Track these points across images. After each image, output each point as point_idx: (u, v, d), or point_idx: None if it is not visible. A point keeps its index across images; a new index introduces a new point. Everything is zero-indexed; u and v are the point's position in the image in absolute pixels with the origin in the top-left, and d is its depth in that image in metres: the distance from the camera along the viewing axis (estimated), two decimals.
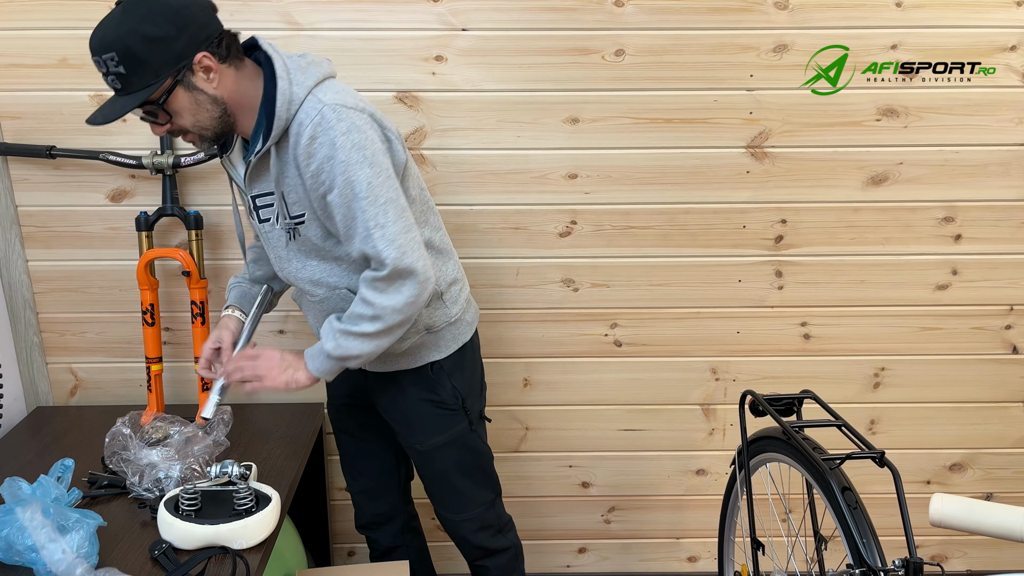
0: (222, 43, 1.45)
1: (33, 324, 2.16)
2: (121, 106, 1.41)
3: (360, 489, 1.99)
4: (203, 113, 1.46)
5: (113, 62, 1.36)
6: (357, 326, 1.51)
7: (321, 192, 1.46)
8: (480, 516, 1.86)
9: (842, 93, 2.03)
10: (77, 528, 1.48)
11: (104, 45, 1.36)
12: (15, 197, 2.06)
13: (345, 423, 1.93)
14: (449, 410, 1.74)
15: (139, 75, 1.38)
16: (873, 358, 2.26)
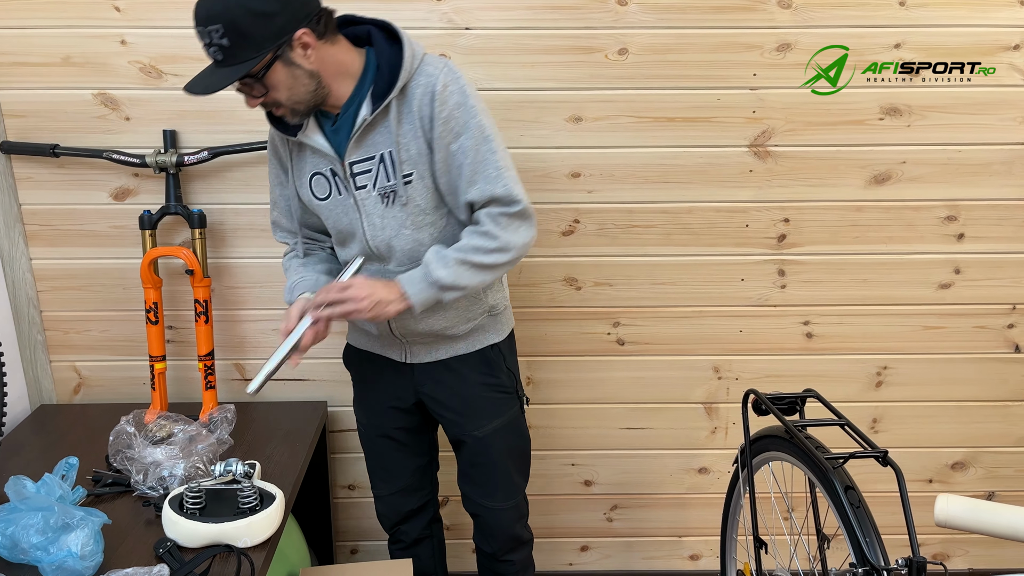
0: (321, 20, 1.47)
1: (37, 322, 2.16)
2: (222, 77, 1.42)
3: (395, 490, 1.95)
4: (299, 88, 1.48)
5: (217, 34, 1.38)
6: (478, 256, 1.54)
7: (449, 139, 1.52)
8: (519, 505, 1.90)
9: (844, 92, 2.03)
10: (82, 526, 1.49)
11: (211, 16, 1.38)
12: (19, 195, 2.06)
13: (387, 428, 1.88)
14: (506, 393, 1.79)
15: (242, 48, 1.39)
16: (875, 357, 2.26)
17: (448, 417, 1.81)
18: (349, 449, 2.34)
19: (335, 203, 1.63)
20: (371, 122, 1.53)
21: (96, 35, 1.95)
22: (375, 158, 1.56)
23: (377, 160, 1.56)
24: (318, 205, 1.66)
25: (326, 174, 1.62)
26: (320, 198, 1.65)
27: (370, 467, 1.96)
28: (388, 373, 1.81)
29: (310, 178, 1.64)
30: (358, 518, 2.43)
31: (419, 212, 1.59)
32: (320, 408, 2.21)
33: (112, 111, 2.01)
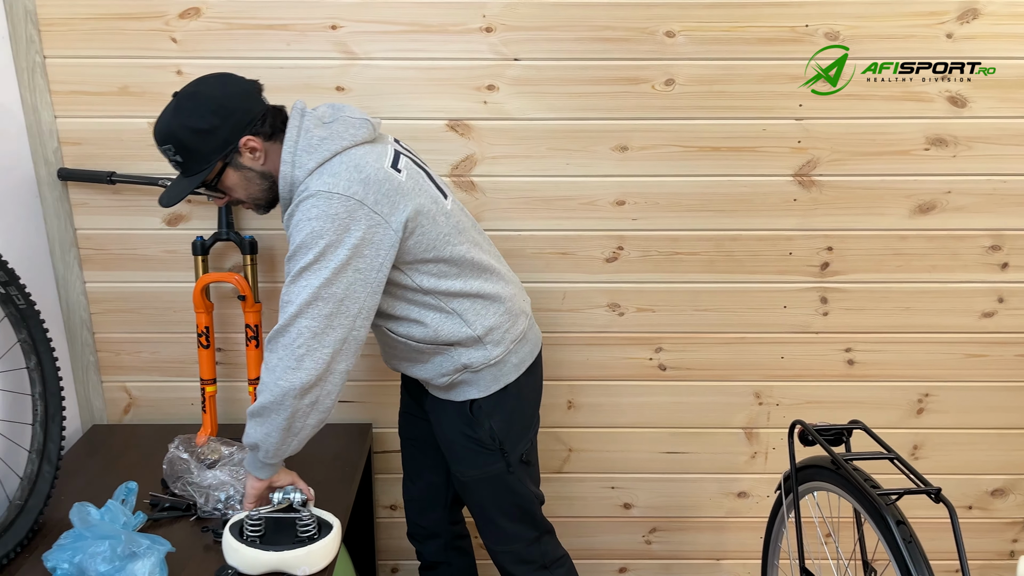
0: (265, 122, 1.58)
1: (89, 344, 2.20)
2: (182, 188, 1.59)
3: (410, 497, 2.07)
4: (253, 187, 1.62)
5: (171, 152, 1.55)
6: (251, 407, 1.57)
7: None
8: (519, 551, 1.87)
9: (891, 123, 2.04)
10: (148, 555, 1.52)
11: (163, 137, 1.55)
12: (74, 221, 2.11)
13: (406, 431, 2.01)
14: (486, 449, 1.74)
15: (193, 161, 1.56)
16: (917, 384, 2.27)
17: (442, 446, 1.84)
18: (391, 470, 2.37)
19: None
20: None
21: (153, 65, 1.99)
22: None
23: None
24: None
25: None
26: None
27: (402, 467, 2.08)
28: (407, 387, 1.96)
29: None
30: (399, 538, 2.46)
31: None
32: (365, 431, 2.24)
33: None
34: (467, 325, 1.65)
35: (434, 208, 1.60)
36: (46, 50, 1.97)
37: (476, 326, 1.66)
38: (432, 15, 1.97)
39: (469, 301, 1.66)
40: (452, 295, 1.64)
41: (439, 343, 1.65)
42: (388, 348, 1.75)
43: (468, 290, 1.65)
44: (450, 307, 1.64)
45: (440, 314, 1.64)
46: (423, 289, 1.61)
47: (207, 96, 1.54)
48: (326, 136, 1.55)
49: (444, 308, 1.64)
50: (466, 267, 1.65)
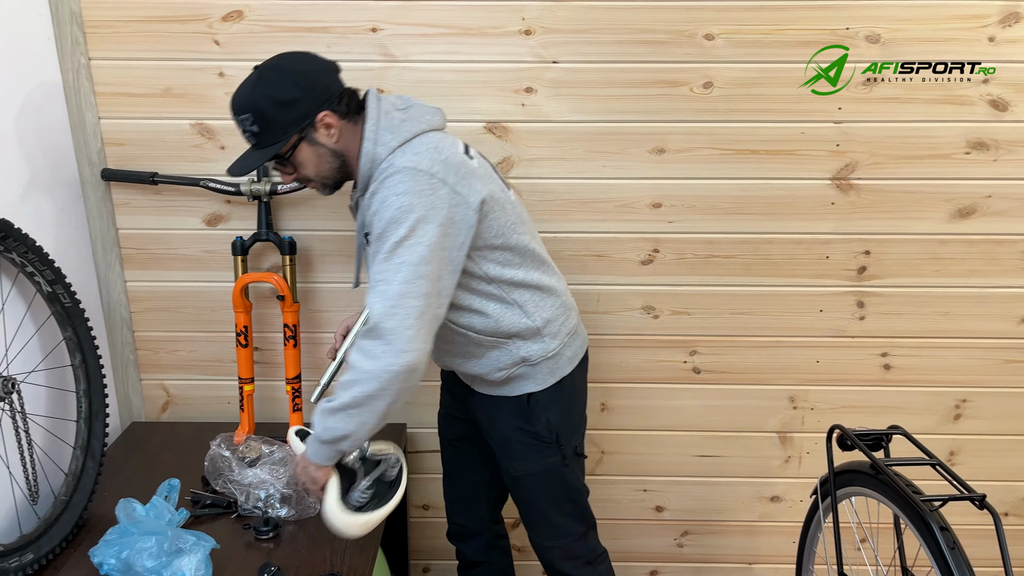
0: (342, 101, 1.59)
1: (129, 342, 2.23)
2: (254, 159, 1.58)
3: (452, 498, 2.07)
4: (324, 165, 1.61)
5: (248, 121, 1.54)
6: (336, 399, 1.50)
7: (373, 240, 1.52)
8: (569, 546, 1.88)
9: (931, 126, 2.03)
10: (194, 551, 1.55)
11: (242, 107, 1.55)
12: (116, 220, 2.13)
13: (448, 432, 2.01)
14: (543, 442, 1.76)
15: (269, 133, 1.55)
16: (955, 390, 2.25)
17: (492, 445, 1.85)
18: (424, 470, 2.39)
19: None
20: (356, 205, 1.64)
21: (196, 67, 2.01)
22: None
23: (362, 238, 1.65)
24: None
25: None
26: None
27: (443, 469, 2.07)
28: (449, 388, 1.95)
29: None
30: (431, 538, 2.47)
31: None
32: (400, 430, 2.25)
33: (208, 140, 2.07)
34: (527, 316, 1.66)
35: (502, 196, 1.63)
36: (91, 52, 2.00)
37: (536, 317, 1.68)
38: (471, 18, 1.98)
39: (529, 292, 1.68)
40: (514, 285, 1.65)
41: (499, 335, 1.66)
42: (443, 343, 1.71)
43: (529, 281, 1.67)
44: (511, 297, 1.65)
45: (502, 305, 1.65)
46: (488, 277, 1.62)
47: (290, 69, 1.55)
48: (405, 119, 1.59)
49: (506, 299, 1.65)
50: (528, 257, 1.68)
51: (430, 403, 2.28)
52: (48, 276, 1.77)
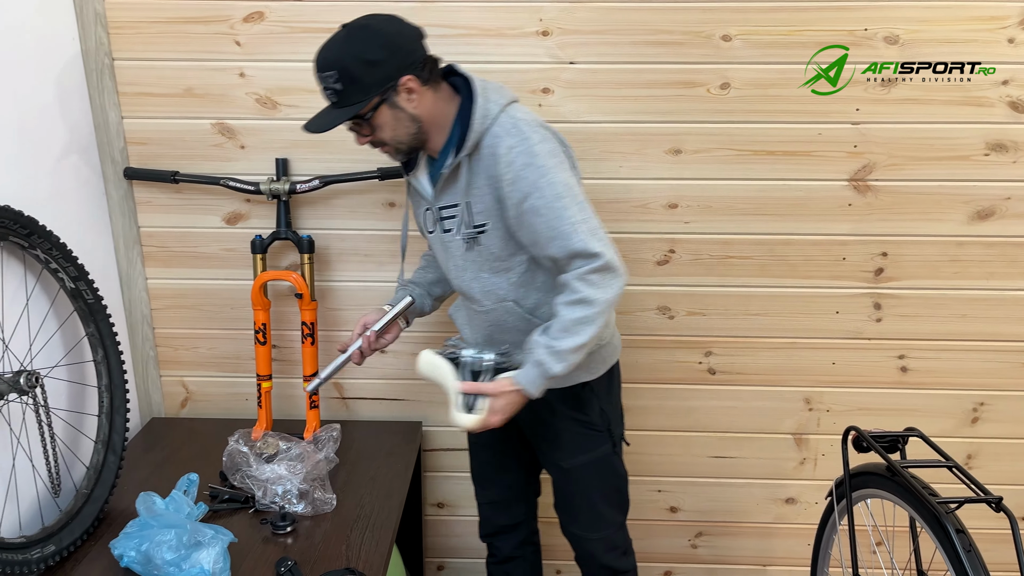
0: (425, 67, 1.58)
1: (150, 338, 2.26)
2: (334, 118, 1.57)
3: (489, 500, 2.05)
4: (401, 129, 1.59)
5: (332, 79, 1.53)
6: (579, 335, 1.54)
7: (518, 198, 1.54)
8: (611, 536, 1.91)
9: (950, 127, 2.02)
10: (212, 544, 1.56)
11: (327, 63, 1.54)
12: (138, 219, 2.16)
13: (485, 436, 1.91)
14: (595, 431, 1.80)
15: (353, 92, 1.54)
16: (973, 393, 2.24)
17: (537, 443, 1.87)
18: (439, 468, 2.40)
19: (434, 239, 1.75)
20: (453, 172, 1.62)
21: (217, 68, 2.04)
22: (459, 205, 1.64)
23: (459, 208, 1.64)
24: (427, 237, 1.79)
25: (433, 211, 1.71)
26: (428, 231, 1.77)
27: (473, 474, 2.05)
28: None
29: (424, 211, 1.75)
30: (446, 535, 2.49)
31: (495, 259, 1.66)
32: (416, 428, 2.27)
33: (229, 140, 2.09)
34: None
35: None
36: (115, 53, 2.03)
37: None
38: (489, 19, 1.99)
39: None
40: None
41: None
42: (505, 334, 1.71)
43: None
44: None
45: None
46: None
47: (378, 30, 1.54)
48: (500, 86, 1.63)
49: None
50: None
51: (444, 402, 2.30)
52: (72, 272, 1.80)
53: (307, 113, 2.03)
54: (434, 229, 1.73)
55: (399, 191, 2.12)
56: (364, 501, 1.88)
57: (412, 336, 2.23)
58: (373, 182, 2.09)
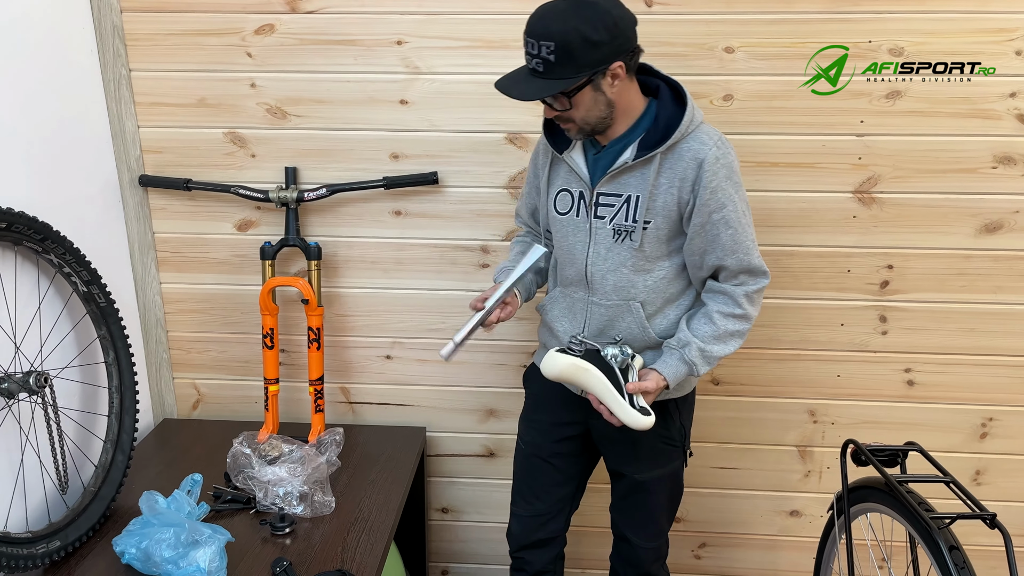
0: (634, 56, 1.58)
1: (163, 342, 2.32)
2: (540, 88, 1.53)
3: (532, 513, 1.97)
4: (595, 111, 1.58)
5: (547, 49, 1.48)
6: (728, 346, 1.67)
7: (713, 207, 1.59)
8: (661, 546, 1.96)
9: (957, 140, 2.00)
10: (209, 543, 1.60)
11: (548, 33, 1.48)
12: (153, 224, 2.23)
13: (547, 450, 1.92)
14: (672, 446, 1.83)
15: (565, 67, 1.50)
16: (981, 408, 2.21)
17: (611, 452, 1.88)
18: (444, 473, 2.43)
19: (570, 222, 1.73)
20: (640, 164, 1.62)
21: (229, 79, 2.09)
22: (622, 197, 1.64)
23: (623, 199, 1.64)
24: (554, 218, 1.76)
25: (573, 194, 1.71)
26: (560, 212, 1.74)
27: (517, 485, 2.00)
28: (564, 399, 1.86)
29: (557, 192, 1.74)
30: (450, 541, 2.51)
31: (643, 258, 1.67)
32: (419, 433, 2.30)
33: (240, 148, 2.15)
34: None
35: None
36: (131, 64, 2.10)
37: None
38: (494, 31, 2.02)
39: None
40: None
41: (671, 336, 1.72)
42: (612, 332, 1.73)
43: None
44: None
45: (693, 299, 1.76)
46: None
47: (605, 10, 1.49)
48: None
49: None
50: None
51: (448, 407, 2.34)
52: (84, 276, 1.86)
53: (316, 123, 2.11)
54: (571, 211, 1.71)
55: (404, 200, 2.16)
56: (363, 504, 1.91)
57: (422, 343, 2.27)
58: (379, 191, 2.13)
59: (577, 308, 1.76)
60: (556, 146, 1.72)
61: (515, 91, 1.55)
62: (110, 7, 2.03)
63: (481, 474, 2.42)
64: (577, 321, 1.76)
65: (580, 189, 1.70)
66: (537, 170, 1.82)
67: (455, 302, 2.24)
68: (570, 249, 1.73)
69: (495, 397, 2.33)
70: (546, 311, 1.84)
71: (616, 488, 1.93)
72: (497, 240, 2.18)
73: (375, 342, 2.29)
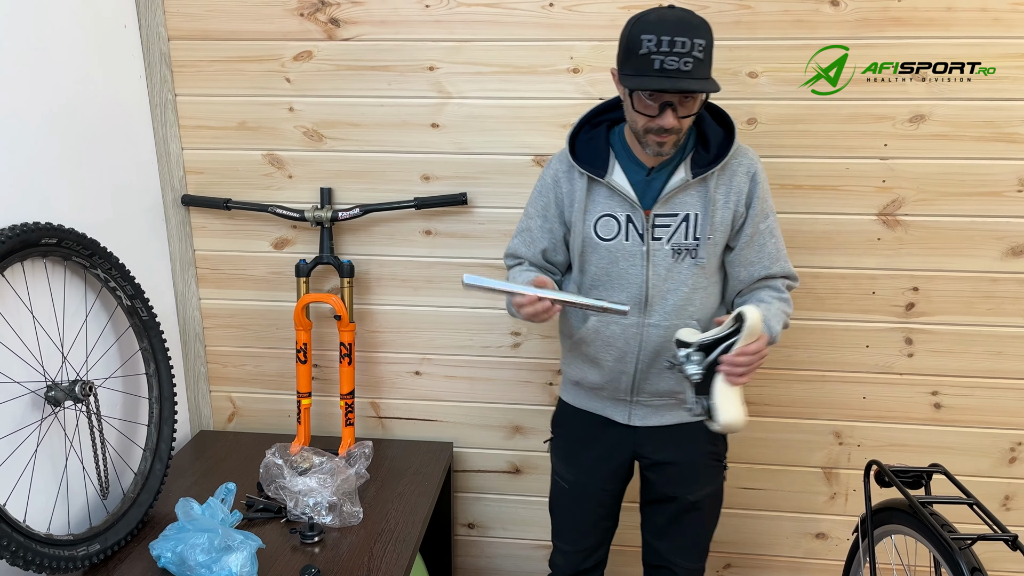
0: None
1: (201, 356, 2.40)
2: (699, 84, 1.51)
3: (579, 548, 1.96)
4: (690, 122, 1.60)
5: (700, 47, 1.49)
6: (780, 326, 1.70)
7: (762, 218, 1.71)
8: (704, 567, 1.96)
9: (982, 163, 2.01)
10: (241, 549, 1.66)
11: (702, 32, 1.50)
12: (194, 242, 2.32)
13: (595, 487, 1.90)
14: (718, 462, 1.87)
15: (707, 67, 1.53)
16: (1010, 432, 2.20)
17: (665, 477, 1.86)
18: (470, 489, 2.46)
19: (618, 247, 1.70)
20: (698, 182, 1.66)
21: (268, 103, 2.18)
22: (679, 216, 1.67)
23: (680, 219, 1.67)
24: (595, 245, 1.71)
25: (618, 218, 1.69)
26: (603, 238, 1.70)
27: (561, 526, 1.97)
28: (608, 432, 1.85)
29: (597, 218, 1.70)
30: (475, 556, 2.54)
31: (703, 274, 1.70)
32: (447, 449, 2.34)
33: (277, 170, 2.23)
34: None
35: None
36: (177, 89, 2.20)
37: None
38: (523, 57, 2.08)
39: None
40: None
41: None
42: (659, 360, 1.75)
43: None
44: None
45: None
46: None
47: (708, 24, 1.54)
48: None
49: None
50: None
51: (475, 423, 2.38)
52: (128, 291, 1.94)
53: (351, 145, 2.20)
54: (618, 236, 1.69)
55: (435, 219, 2.22)
56: (390, 516, 1.96)
57: (450, 360, 2.32)
58: (410, 211, 2.20)
59: (629, 334, 1.72)
60: (596, 169, 1.69)
61: (695, 85, 1.50)
62: (158, 36, 2.14)
63: (507, 490, 2.45)
64: (630, 348, 1.73)
65: (627, 212, 1.68)
66: (559, 201, 1.76)
67: (483, 320, 2.29)
68: (620, 275, 1.71)
69: (521, 414, 2.37)
70: (587, 344, 1.77)
71: (660, 514, 1.90)
72: None
73: (405, 358, 2.35)
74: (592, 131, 1.75)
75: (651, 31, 1.49)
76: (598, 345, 1.76)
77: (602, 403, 1.85)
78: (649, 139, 1.60)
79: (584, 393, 1.88)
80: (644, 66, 1.50)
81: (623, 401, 1.82)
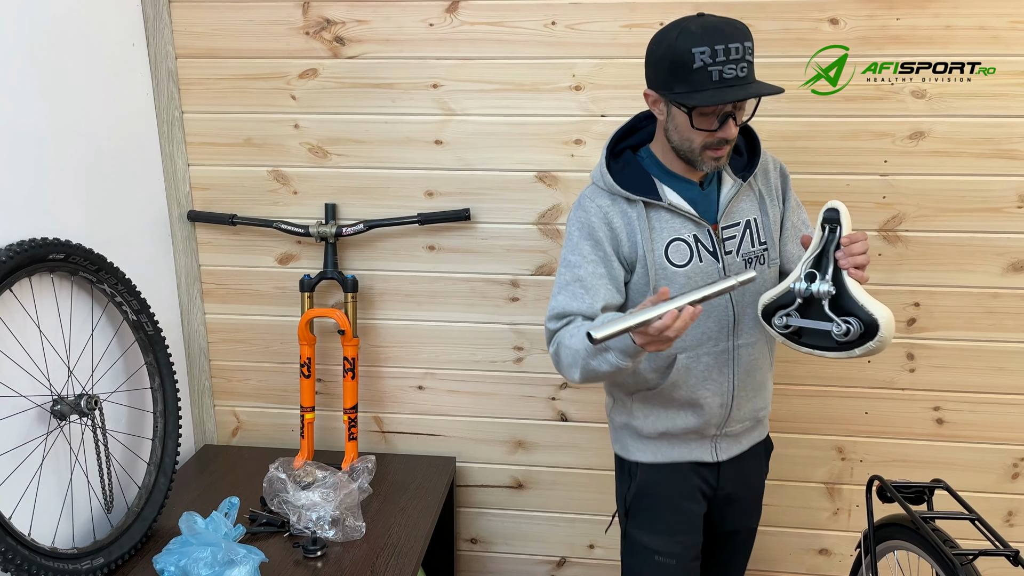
0: None
1: (206, 370, 2.41)
2: (762, 88, 1.48)
3: None
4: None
5: (750, 51, 1.47)
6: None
7: (795, 211, 1.74)
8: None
9: (981, 180, 2.03)
10: (244, 563, 1.67)
11: (747, 32, 1.48)
12: (199, 257, 2.34)
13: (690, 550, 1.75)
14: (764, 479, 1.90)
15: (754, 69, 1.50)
16: (1013, 448, 2.19)
17: (736, 510, 1.82)
18: (473, 503, 2.46)
19: (695, 271, 1.60)
20: (746, 189, 1.66)
21: (274, 120, 2.21)
22: (740, 224, 1.64)
23: (743, 227, 1.64)
24: (674, 273, 1.60)
25: (687, 240, 1.60)
26: (678, 265, 1.60)
27: None
28: (692, 481, 1.73)
29: (667, 243, 1.60)
30: (478, 571, 2.54)
31: (771, 278, 1.68)
32: (450, 463, 2.35)
33: (283, 186, 2.26)
34: None
35: None
36: (184, 106, 2.23)
37: None
38: (526, 75, 2.11)
39: None
40: None
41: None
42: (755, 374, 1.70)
43: None
44: None
45: None
46: None
47: None
48: None
49: None
50: None
51: (478, 438, 2.38)
52: (134, 306, 1.96)
53: (355, 162, 2.21)
54: (693, 260, 1.59)
55: (438, 235, 2.24)
56: (392, 531, 1.96)
57: (453, 374, 2.33)
58: (413, 227, 2.22)
59: (722, 361, 1.64)
60: (650, 194, 1.59)
61: (764, 88, 1.47)
62: (166, 54, 2.17)
63: (510, 505, 2.45)
64: (724, 377, 1.65)
65: (692, 232, 1.59)
66: (613, 238, 1.60)
67: (486, 334, 2.30)
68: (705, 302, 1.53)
69: (524, 429, 2.37)
70: (678, 387, 1.64)
71: (726, 547, 1.87)
72: (526, 275, 2.25)
73: (408, 373, 2.36)
74: (618, 159, 1.67)
75: (702, 43, 1.43)
76: (692, 384, 1.64)
77: (689, 447, 1.71)
78: (705, 156, 1.54)
79: (668, 443, 1.72)
80: (702, 80, 1.44)
81: (709, 437, 1.71)
